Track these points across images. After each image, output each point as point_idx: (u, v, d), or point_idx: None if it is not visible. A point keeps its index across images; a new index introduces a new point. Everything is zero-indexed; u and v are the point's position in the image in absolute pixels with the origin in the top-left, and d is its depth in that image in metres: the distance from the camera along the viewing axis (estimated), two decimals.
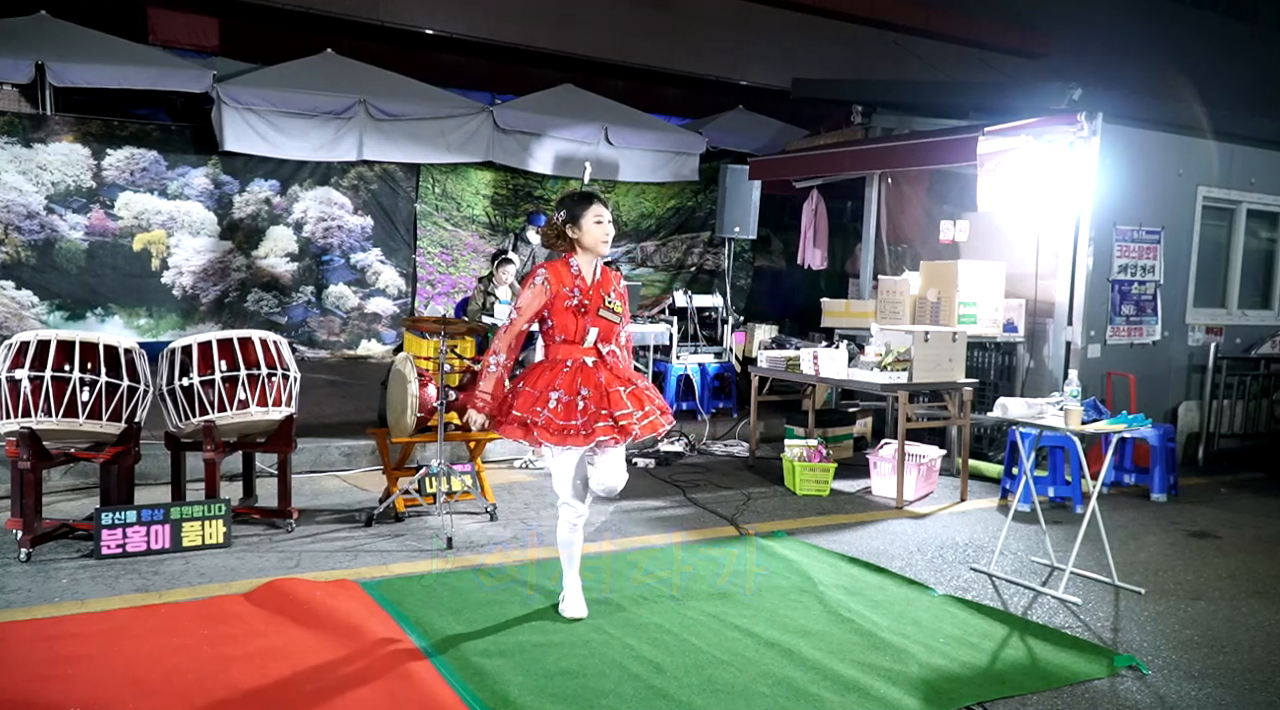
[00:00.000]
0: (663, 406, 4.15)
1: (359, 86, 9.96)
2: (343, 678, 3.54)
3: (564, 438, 3.93)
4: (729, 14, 13.55)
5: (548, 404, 3.95)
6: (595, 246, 4.09)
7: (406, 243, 11.56)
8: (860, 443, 8.27)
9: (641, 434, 4.02)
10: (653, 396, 4.14)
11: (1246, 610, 4.68)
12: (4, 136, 9.53)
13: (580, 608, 4.23)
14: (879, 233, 9.11)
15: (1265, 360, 8.54)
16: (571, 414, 3.94)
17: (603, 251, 4.13)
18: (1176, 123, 7.88)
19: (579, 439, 3.93)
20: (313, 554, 5.03)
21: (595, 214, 4.09)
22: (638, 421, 4.00)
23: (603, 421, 3.94)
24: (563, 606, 4.25)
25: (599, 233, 4.08)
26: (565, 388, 3.98)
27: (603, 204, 4.14)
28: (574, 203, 4.12)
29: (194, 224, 10.41)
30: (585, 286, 4.07)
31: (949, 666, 3.83)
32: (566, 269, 4.09)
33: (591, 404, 3.96)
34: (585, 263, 4.13)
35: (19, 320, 9.56)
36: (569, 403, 3.95)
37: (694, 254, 13.32)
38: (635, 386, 4.10)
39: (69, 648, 3.73)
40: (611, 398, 3.99)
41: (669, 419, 4.16)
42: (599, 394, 3.98)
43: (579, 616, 4.18)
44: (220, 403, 5.20)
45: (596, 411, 3.94)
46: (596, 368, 4.06)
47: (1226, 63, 17.49)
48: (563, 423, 3.92)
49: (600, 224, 4.08)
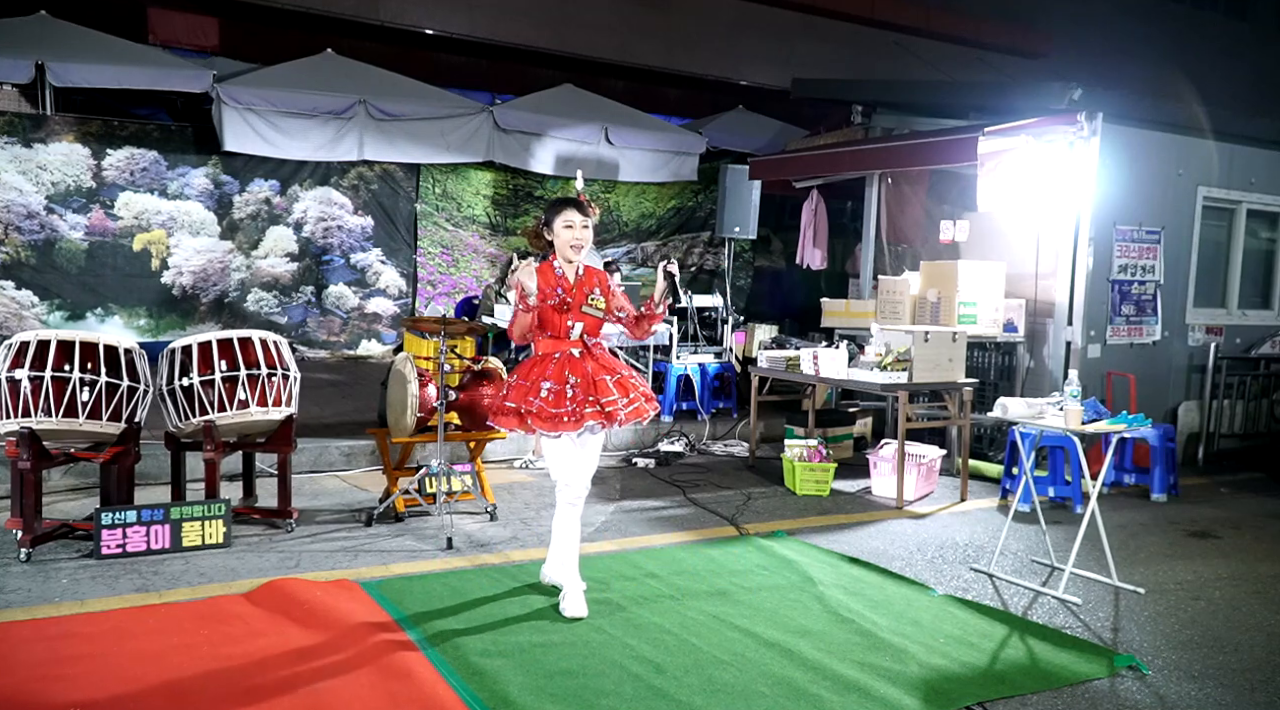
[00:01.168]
0: (648, 394, 4.31)
1: (359, 86, 9.96)
2: (342, 678, 3.54)
3: (556, 424, 4.12)
4: (729, 14, 13.55)
5: (539, 393, 4.16)
6: (564, 251, 4.26)
7: (407, 243, 11.56)
8: (860, 443, 8.28)
9: (627, 419, 4.20)
10: (638, 384, 4.30)
11: (1246, 610, 4.68)
12: (4, 136, 9.53)
13: (581, 607, 4.23)
14: (879, 233, 9.11)
15: (1265, 360, 8.55)
16: (561, 402, 4.13)
17: (570, 256, 4.26)
18: (1176, 123, 7.88)
19: (569, 424, 4.12)
20: (313, 554, 5.03)
21: (566, 219, 4.24)
22: (623, 408, 4.18)
23: (590, 407, 4.14)
24: (563, 605, 4.25)
25: (566, 237, 4.23)
26: (555, 378, 4.18)
27: (578, 210, 4.25)
28: (552, 206, 4.32)
29: (194, 224, 10.41)
30: (568, 285, 4.26)
31: (949, 666, 3.83)
32: (551, 271, 4.27)
33: (580, 392, 4.16)
34: (566, 266, 4.29)
35: (19, 320, 9.56)
36: (559, 391, 4.15)
37: (694, 254, 13.32)
38: (621, 375, 4.28)
39: (69, 648, 3.73)
40: (598, 385, 4.19)
41: (654, 405, 4.32)
42: (587, 382, 4.19)
43: (579, 616, 4.18)
44: (220, 403, 5.20)
45: (584, 398, 4.15)
46: (583, 358, 4.27)
47: (1226, 63, 17.49)
48: (554, 410, 4.12)
49: (569, 229, 4.22)
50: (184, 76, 9.39)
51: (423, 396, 5.66)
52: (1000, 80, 12.20)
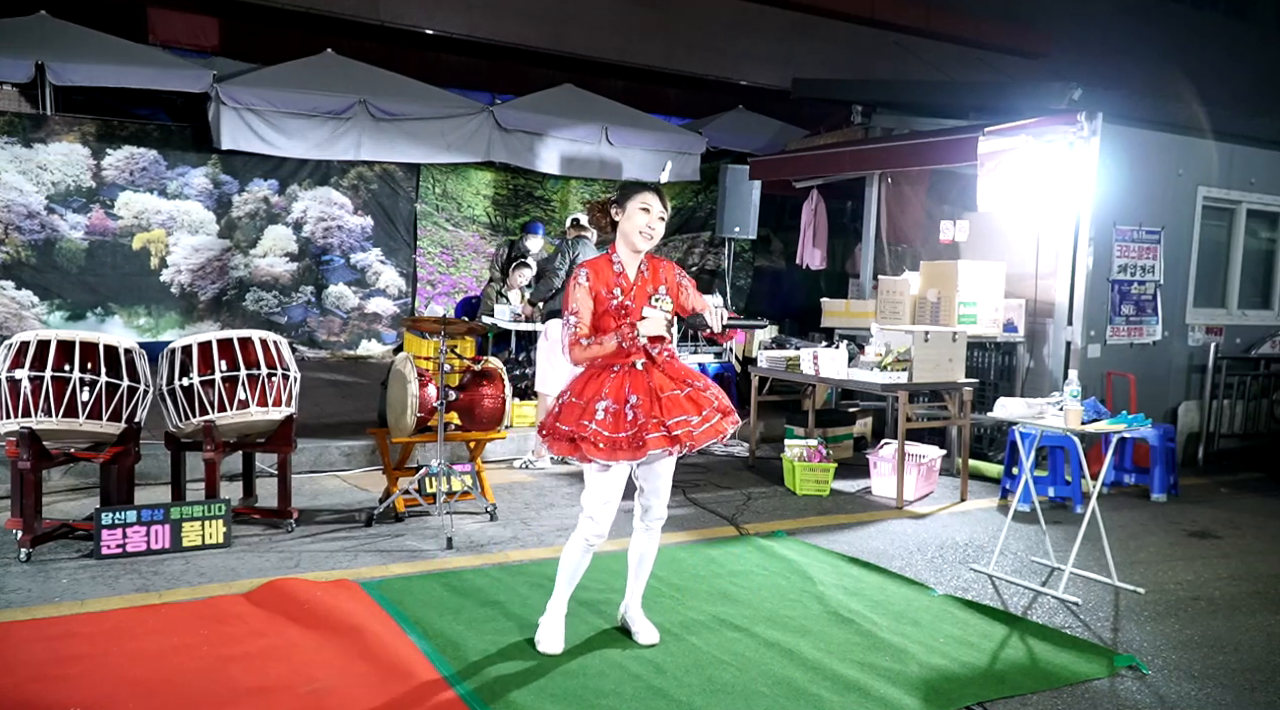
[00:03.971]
0: (724, 408, 3.78)
1: (359, 86, 9.96)
2: (342, 678, 3.54)
3: (613, 452, 3.59)
4: (729, 14, 13.55)
5: (594, 416, 3.62)
6: (631, 235, 3.75)
7: (406, 243, 11.56)
8: (860, 443, 8.27)
9: (699, 441, 3.68)
10: (712, 398, 3.78)
11: (1246, 610, 4.68)
12: (4, 136, 9.53)
13: (558, 643, 3.84)
14: (879, 233, 9.11)
15: (1265, 360, 8.55)
16: (620, 424, 3.61)
17: (639, 244, 3.76)
18: (1176, 123, 7.88)
19: (628, 452, 3.60)
20: (313, 554, 5.03)
21: (643, 201, 3.75)
22: (696, 427, 3.67)
23: (654, 431, 3.61)
24: (539, 637, 3.86)
25: (640, 221, 3.73)
26: (613, 396, 3.65)
27: (659, 197, 3.78)
28: (631, 185, 3.86)
29: (193, 223, 10.42)
30: (627, 285, 3.76)
31: (949, 666, 3.83)
32: (608, 266, 3.79)
33: (641, 412, 3.62)
34: (627, 258, 3.81)
35: (19, 320, 9.56)
36: (617, 412, 3.62)
37: (694, 254, 13.32)
38: (693, 388, 3.76)
39: (69, 648, 3.73)
40: (665, 404, 3.66)
41: (733, 420, 3.79)
42: (650, 400, 3.65)
43: (553, 653, 3.80)
44: (220, 403, 5.19)
45: (647, 420, 3.61)
46: (647, 370, 3.73)
47: (1226, 63, 17.49)
48: (610, 434, 3.59)
49: (646, 211, 3.74)
50: (184, 76, 9.38)
51: (423, 396, 5.66)
52: (1000, 80, 12.20)
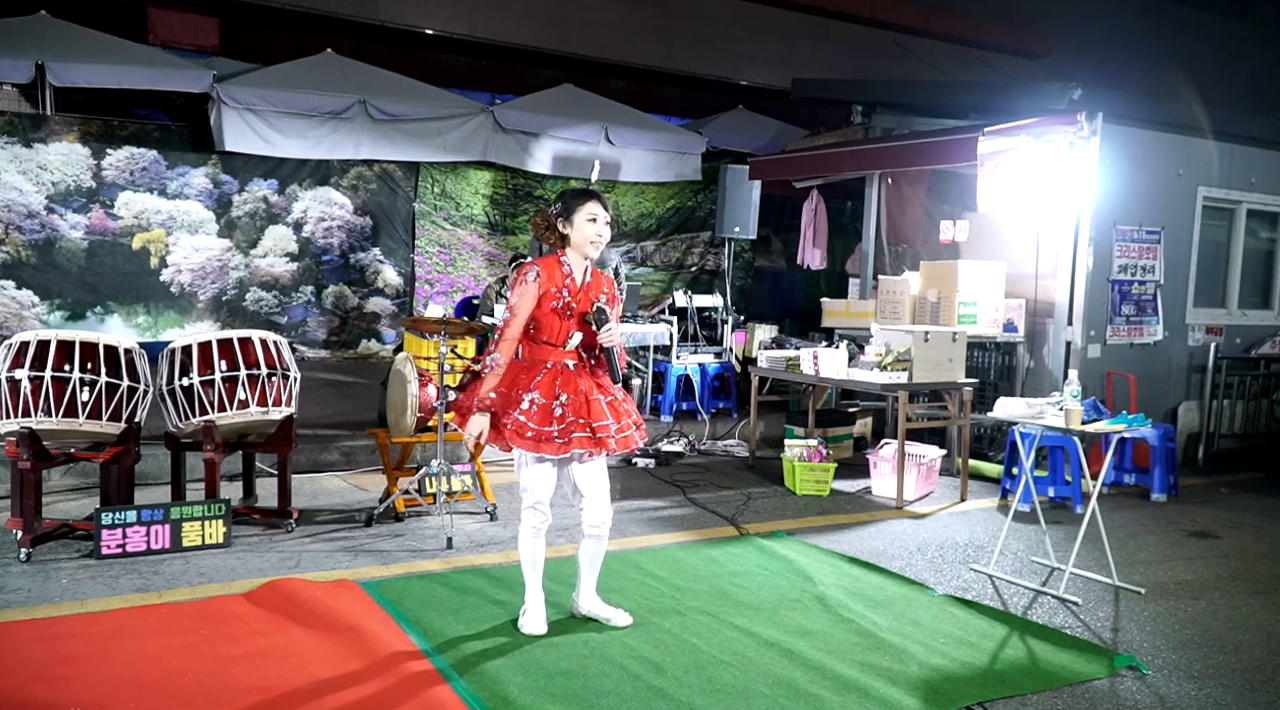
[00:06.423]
0: (638, 421, 4.00)
1: (359, 86, 9.96)
2: (342, 678, 3.54)
3: (538, 444, 3.77)
4: (729, 14, 13.54)
5: (519, 404, 3.79)
6: (583, 246, 3.91)
7: (405, 242, 11.56)
8: (860, 443, 8.27)
9: (615, 449, 3.87)
10: (629, 410, 3.99)
11: (1246, 610, 4.68)
12: (4, 136, 9.53)
13: (540, 624, 4.01)
14: (879, 233, 9.11)
15: (1265, 360, 8.54)
16: (547, 419, 3.77)
17: (590, 253, 3.93)
18: (1176, 123, 7.88)
19: (554, 447, 3.77)
20: (313, 554, 5.03)
21: (590, 212, 3.89)
22: (614, 434, 3.85)
23: (580, 431, 3.79)
24: (522, 621, 4.03)
25: (589, 231, 3.89)
26: (542, 390, 3.82)
27: (602, 204, 3.92)
28: (572, 196, 3.94)
29: (193, 223, 10.41)
30: (575, 288, 3.91)
31: (949, 666, 3.83)
32: (558, 266, 3.92)
33: (570, 411, 3.80)
34: (576, 263, 3.95)
35: (19, 320, 9.56)
36: (544, 407, 3.79)
37: (694, 254, 13.33)
38: (614, 398, 3.95)
39: (69, 648, 3.73)
40: (592, 407, 3.84)
41: (643, 433, 4.01)
42: (579, 401, 3.83)
43: (538, 634, 3.97)
44: (220, 403, 5.20)
45: (575, 420, 3.79)
46: (578, 372, 3.91)
47: (1226, 63, 17.48)
48: (536, 427, 3.76)
49: (593, 222, 3.89)
50: (184, 76, 9.38)
51: (423, 396, 5.66)
52: (1000, 80, 12.21)
